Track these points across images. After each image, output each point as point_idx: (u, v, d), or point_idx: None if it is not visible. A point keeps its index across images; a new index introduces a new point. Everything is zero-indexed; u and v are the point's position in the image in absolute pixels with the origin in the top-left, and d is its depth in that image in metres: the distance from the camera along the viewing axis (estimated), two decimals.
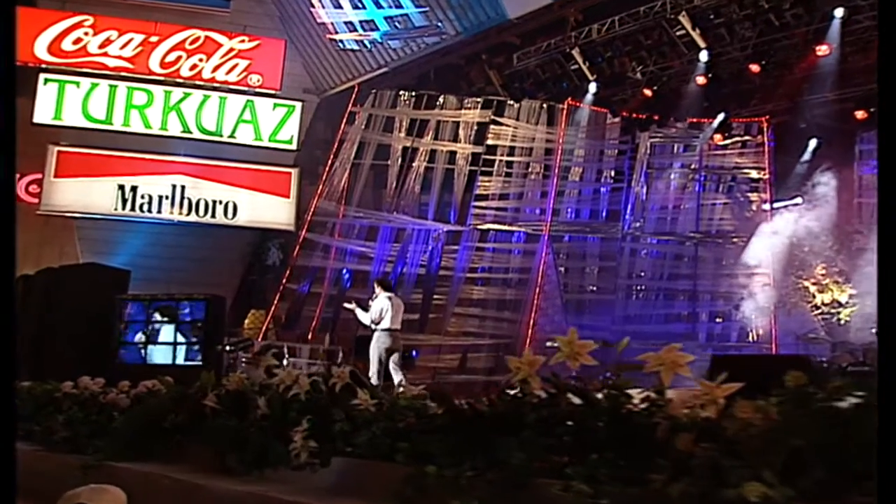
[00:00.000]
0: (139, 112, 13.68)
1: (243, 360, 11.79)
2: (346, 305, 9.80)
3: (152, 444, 3.97)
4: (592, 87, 14.61)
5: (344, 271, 15.19)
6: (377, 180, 15.43)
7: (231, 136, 14.15)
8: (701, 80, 13.73)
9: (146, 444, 3.98)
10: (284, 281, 14.57)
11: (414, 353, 13.25)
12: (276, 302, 14.37)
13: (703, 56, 13.11)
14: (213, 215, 13.78)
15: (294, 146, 14.50)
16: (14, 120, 1.61)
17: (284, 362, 10.06)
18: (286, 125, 14.43)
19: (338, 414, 3.09)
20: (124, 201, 13.27)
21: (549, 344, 14.75)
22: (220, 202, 13.85)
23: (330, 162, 15.24)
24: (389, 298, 9.62)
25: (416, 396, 3.11)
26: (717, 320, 15.98)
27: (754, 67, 13.22)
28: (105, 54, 13.46)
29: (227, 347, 11.62)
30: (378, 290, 9.72)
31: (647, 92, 14.40)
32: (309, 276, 14.87)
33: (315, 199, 15.02)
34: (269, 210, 14.15)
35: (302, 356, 13.30)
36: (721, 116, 15.02)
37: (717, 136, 15.51)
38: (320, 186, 15.14)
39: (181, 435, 3.83)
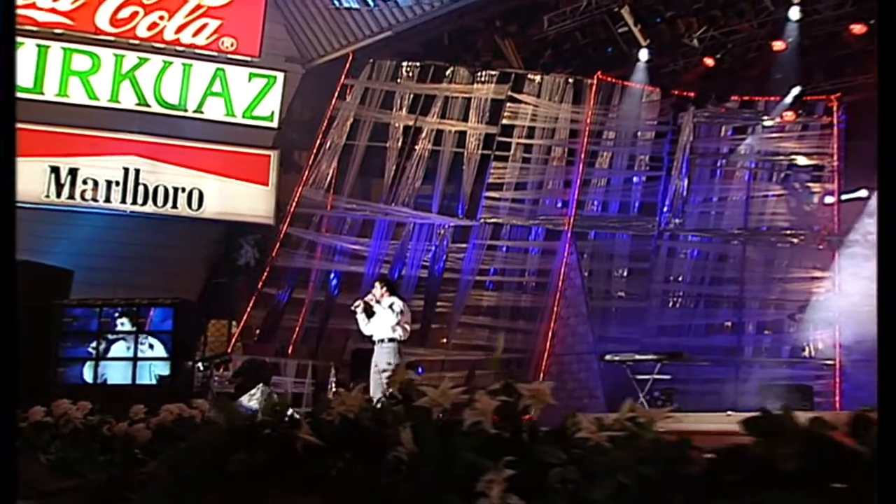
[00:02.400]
0: (81, 80, 11.39)
1: (218, 378, 10.18)
2: (354, 307, 8.28)
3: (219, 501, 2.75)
4: (644, 55, 12.39)
5: (332, 273, 13.22)
6: (373, 166, 13.52)
7: (197, 110, 11.97)
8: (779, 45, 11.39)
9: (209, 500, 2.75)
10: (260, 285, 12.53)
11: (419, 370, 11.55)
12: (249, 310, 12.29)
13: (794, 13, 10.73)
14: (175, 205, 11.63)
15: (275, 124, 12.39)
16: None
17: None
18: (265, 99, 12.36)
19: (552, 454, 1.96)
20: (59, 187, 10.98)
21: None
22: (183, 190, 11.70)
23: (318, 144, 13.18)
24: (403, 302, 8.33)
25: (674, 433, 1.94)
26: (766, 332, 14.04)
27: (857, 28, 10.80)
28: (32, 5, 11.08)
29: (200, 364, 9.76)
30: (382, 291, 8.24)
31: (709, 61, 12.11)
32: (290, 279, 12.88)
33: (299, 188, 12.96)
34: (243, 200, 12.10)
35: (287, 374, 11.52)
36: (796, 90, 12.76)
37: (789, 114, 13.28)
38: (306, 172, 13.09)
39: (261, 485, 2.65)
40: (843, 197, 13.47)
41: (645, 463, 1.73)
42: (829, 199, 13.62)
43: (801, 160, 13.92)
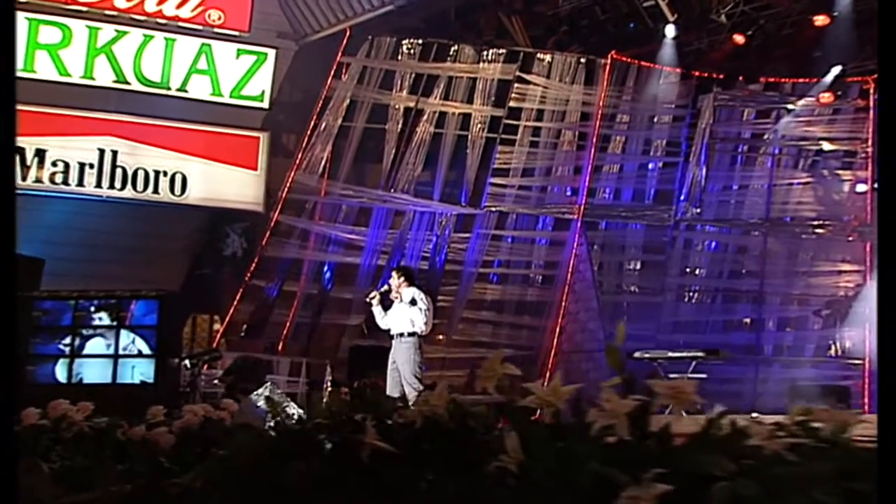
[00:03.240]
0: (50, 54, 10.55)
1: (206, 377, 9.58)
2: (370, 299, 7.80)
3: None
4: (670, 31, 11.55)
5: (326, 265, 12.46)
6: (371, 150, 12.80)
7: (181, 88, 11.14)
8: (821, 19, 10.48)
9: None
10: (248, 276, 11.72)
11: (422, 366, 10.86)
12: (235, 303, 11.50)
13: None
14: (156, 190, 10.82)
15: (265, 104, 11.58)
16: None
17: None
18: (255, 77, 11.54)
19: (717, 465, 1.56)
20: (25, 169, 10.14)
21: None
22: (165, 174, 10.89)
23: (311, 125, 12.41)
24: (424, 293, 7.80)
25: None
26: (788, 330, 13.33)
27: None
28: None
29: (188, 362, 9.10)
30: (400, 281, 7.68)
31: (738, 39, 11.24)
32: (280, 271, 12.11)
33: (291, 173, 12.16)
34: (230, 185, 11.31)
35: (280, 372, 10.81)
36: (837, 70, 11.85)
37: (826, 96, 12.39)
38: (299, 155, 12.29)
39: (323, 501, 2.21)
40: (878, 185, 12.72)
41: (850, 476, 1.51)
42: (861, 188, 12.85)
43: (831, 146, 13.14)
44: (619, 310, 13.39)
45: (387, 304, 7.80)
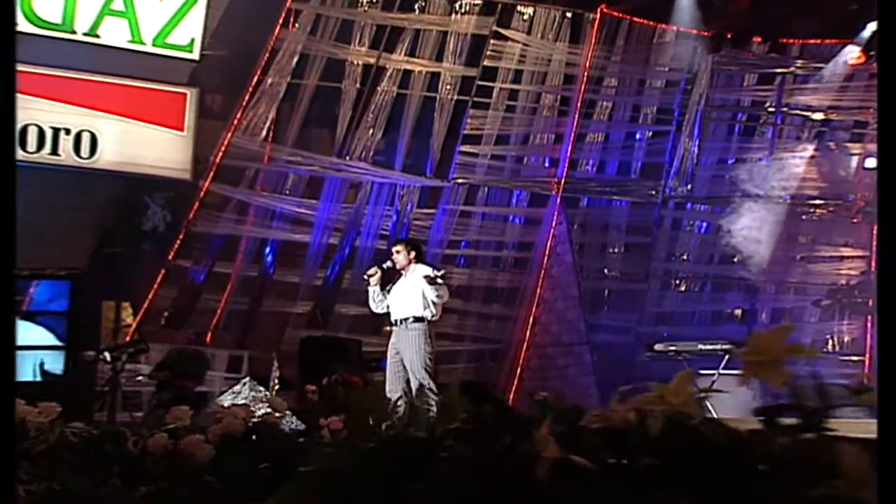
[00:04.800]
0: None
1: (135, 376, 8.60)
2: (369, 276, 6.96)
3: None
4: None
5: (268, 243, 11.08)
6: (324, 112, 11.43)
7: (91, 33, 9.32)
8: None
9: None
10: (172, 255, 10.34)
11: (383, 362, 9.91)
12: (155, 287, 10.14)
13: None
14: (56, 152, 9.08)
15: (195, 55, 9.91)
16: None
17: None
18: (183, 23, 9.80)
19: None
20: None
21: None
22: (68, 132, 9.11)
23: (254, 81, 10.90)
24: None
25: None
26: (783, 322, 12.15)
27: None
28: None
29: (107, 355, 7.80)
30: (409, 257, 6.92)
31: None
32: (211, 249, 10.73)
33: (227, 135, 10.63)
34: (151, 148, 9.65)
35: (216, 368, 9.63)
36: (873, 26, 10.54)
37: (855, 58, 11.12)
38: (238, 115, 10.73)
39: None
40: None
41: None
42: (870, 163, 11.78)
43: (839, 115, 12.09)
44: (598, 298, 12.32)
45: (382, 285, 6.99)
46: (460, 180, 11.62)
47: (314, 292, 11.09)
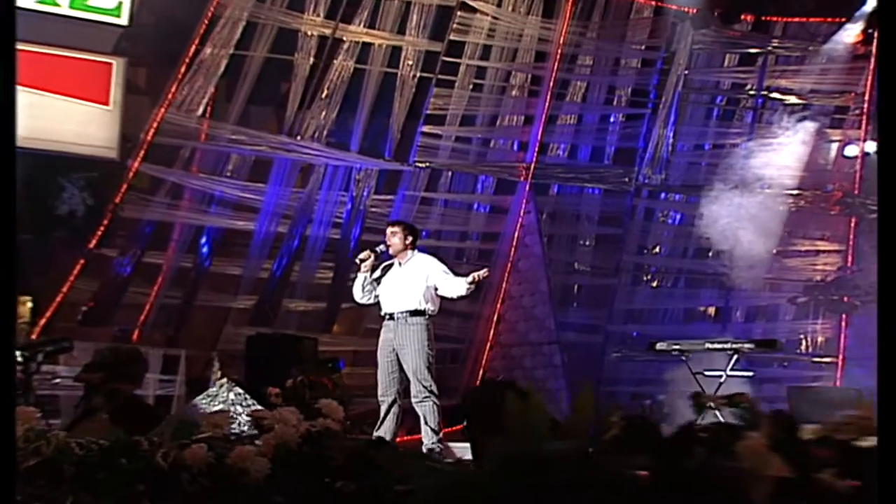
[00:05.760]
0: None
1: (53, 378, 7.71)
2: (361, 260, 6.24)
3: None
4: None
5: (204, 230, 10.42)
6: (272, 87, 10.93)
7: None
8: None
9: None
10: (93, 243, 9.64)
11: (341, 363, 9.28)
12: (72, 279, 9.41)
13: None
14: None
15: (123, 20, 9.01)
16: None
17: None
18: None
19: None
20: None
21: None
22: None
23: (191, 52, 10.15)
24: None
25: None
26: (758, 321, 11.92)
27: None
28: None
29: (19, 354, 6.81)
30: (406, 242, 6.26)
31: None
32: (140, 237, 10.08)
33: (160, 110, 9.85)
34: (69, 122, 8.97)
35: (151, 370, 8.89)
36: (872, 3, 10.07)
37: (855, 36, 10.64)
38: (172, 88, 9.92)
39: None
40: (870, 148, 11.17)
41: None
42: (851, 150, 11.41)
43: (821, 99, 11.63)
44: (567, 294, 11.79)
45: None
46: (421, 164, 11.21)
47: (258, 285, 10.43)
